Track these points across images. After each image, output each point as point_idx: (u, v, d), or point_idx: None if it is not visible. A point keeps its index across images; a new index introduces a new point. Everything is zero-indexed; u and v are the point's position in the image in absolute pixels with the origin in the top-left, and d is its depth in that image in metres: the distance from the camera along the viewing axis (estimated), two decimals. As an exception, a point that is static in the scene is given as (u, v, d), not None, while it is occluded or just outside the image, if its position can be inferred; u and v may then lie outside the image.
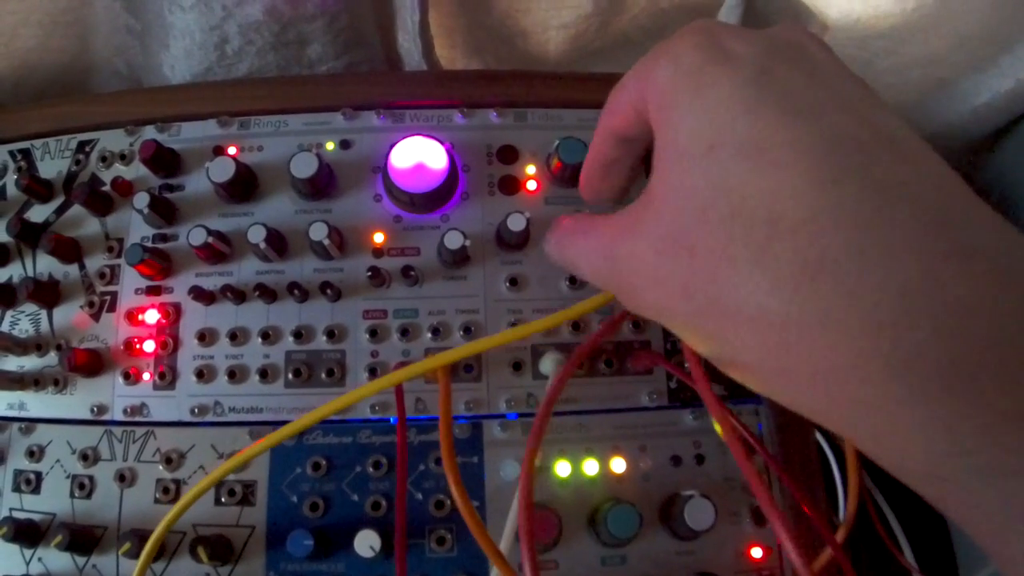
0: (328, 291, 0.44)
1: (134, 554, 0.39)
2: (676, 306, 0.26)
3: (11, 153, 0.50)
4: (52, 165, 0.49)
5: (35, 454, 0.44)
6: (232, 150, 0.48)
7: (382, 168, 0.45)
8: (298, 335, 0.44)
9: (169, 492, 0.43)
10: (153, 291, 0.46)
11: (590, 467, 0.43)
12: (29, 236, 0.47)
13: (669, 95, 0.26)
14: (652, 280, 0.27)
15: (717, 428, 0.32)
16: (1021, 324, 0.19)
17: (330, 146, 0.48)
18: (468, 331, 0.44)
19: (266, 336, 0.44)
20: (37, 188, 0.47)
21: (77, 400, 0.44)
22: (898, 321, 0.20)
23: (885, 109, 0.24)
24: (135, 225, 0.47)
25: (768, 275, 0.22)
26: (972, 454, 0.20)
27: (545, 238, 0.35)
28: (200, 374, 0.44)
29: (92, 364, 0.44)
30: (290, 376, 0.44)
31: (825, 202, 0.21)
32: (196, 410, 0.44)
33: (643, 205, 0.28)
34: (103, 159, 0.48)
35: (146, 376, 0.44)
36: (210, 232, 0.43)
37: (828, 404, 0.23)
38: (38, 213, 0.48)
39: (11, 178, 0.49)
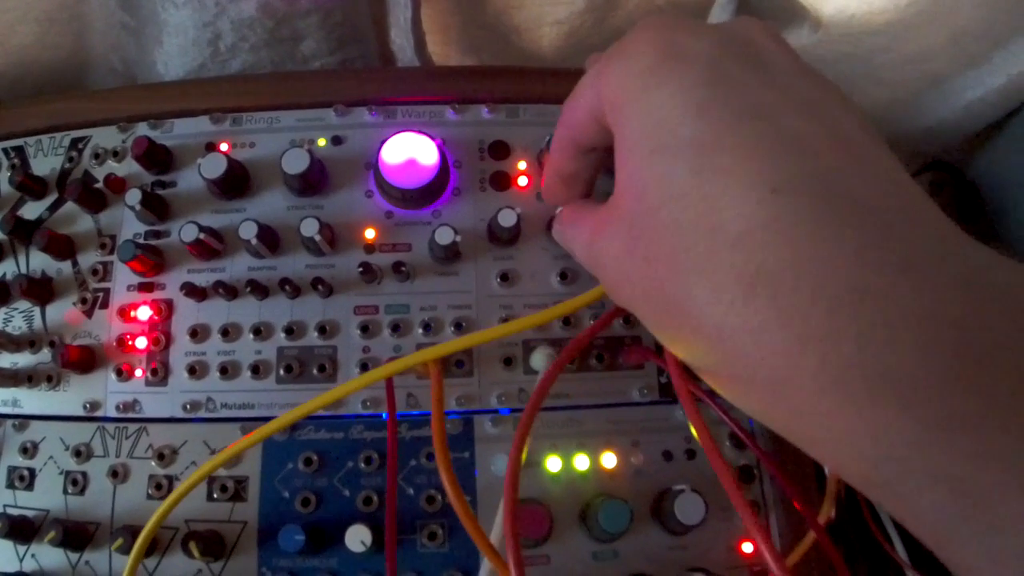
0: (320, 287, 0.44)
1: (127, 550, 0.40)
2: (641, 306, 0.27)
3: (4, 150, 0.50)
4: (45, 162, 0.49)
5: (28, 450, 0.44)
6: (224, 146, 0.48)
7: (374, 164, 0.45)
8: (290, 331, 0.44)
9: (162, 488, 0.43)
10: (145, 287, 0.46)
11: (581, 462, 0.43)
12: (22, 233, 0.47)
13: (622, 94, 0.26)
14: (621, 278, 0.28)
15: (693, 431, 0.32)
16: (950, 336, 0.19)
17: (322, 142, 0.48)
18: (459, 327, 0.44)
19: (258, 332, 0.44)
20: (30, 185, 0.48)
21: (70, 396, 0.45)
22: (826, 336, 0.20)
23: (841, 107, 0.24)
24: (128, 222, 0.47)
25: (709, 287, 0.23)
26: (902, 463, 0.20)
27: (553, 226, 0.37)
28: (192, 370, 0.44)
29: (85, 360, 0.44)
30: (282, 372, 0.44)
31: (764, 215, 0.21)
32: (188, 406, 0.44)
33: (612, 203, 0.28)
34: (96, 156, 0.49)
35: (139, 372, 0.44)
36: (202, 228, 0.43)
37: (769, 411, 0.23)
38: (31, 210, 0.48)
39: (4, 175, 0.49)
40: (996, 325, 0.19)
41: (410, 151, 0.44)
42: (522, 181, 0.47)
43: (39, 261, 0.47)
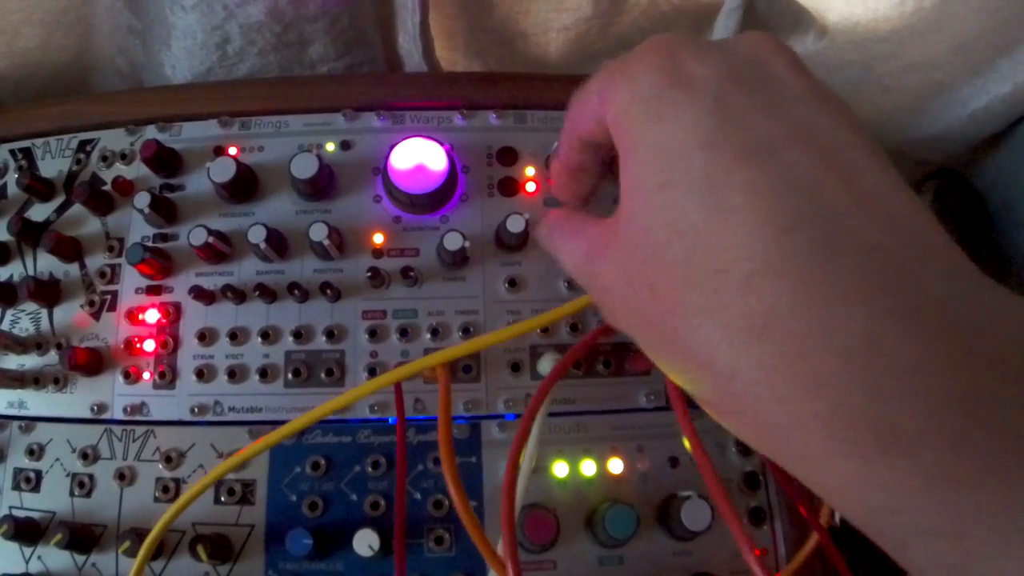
0: (328, 291, 0.44)
1: (133, 553, 0.40)
2: (640, 333, 0.27)
3: (12, 152, 0.50)
4: (53, 164, 0.49)
5: (35, 452, 0.44)
6: (233, 150, 0.48)
7: (382, 169, 0.45)
8: (298, 335, 0.44)
9: (169, 491, 0.43)
10: (153, 290, 0.46)
11: (588, 468, 0.43)
12: (30, 235, 0.47)
13: (627, 120, 0.26)
14: (620, 303, 0.27)
15: (686, 443, 0.32)
16: (960, 386, 0.19)
17: (330, 147, 0.48)
18: (467, 332, 0.45)
19: (266, 336, 0.44)
20: (38, 187, 0.48)
21: (77, 399, 0.45)
22: (837, 383, 0.20)
23: (850, 134, 0.24)
24: (136, 224, 0.47)
25: (718, 326, 0.22)
26: (903, 514, 0.20)
27: (539, 225, 0.35)
28: (200, 373, 0.44)
29: (92, 363, 0.44)
30: (290, 376, 0.44)
31: (773, 255, 0.21)
32: (196, 409, 0.44)
33: (614, 226, 0.27)
34: (104, 158, 0.49)
35: (146, 375, 0.45)
36: (211, 232, 0.43)
37: (772, 449, 0.23)
38: (39, 212, 0.48)
39: (12, 177, 0.49)
40: (1001, 379, 0.19)
41: (419, 156, 0.44)
42: (530, 187, 0.47)
43: (46, 263, 0.47)
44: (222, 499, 0.43)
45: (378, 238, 0.46)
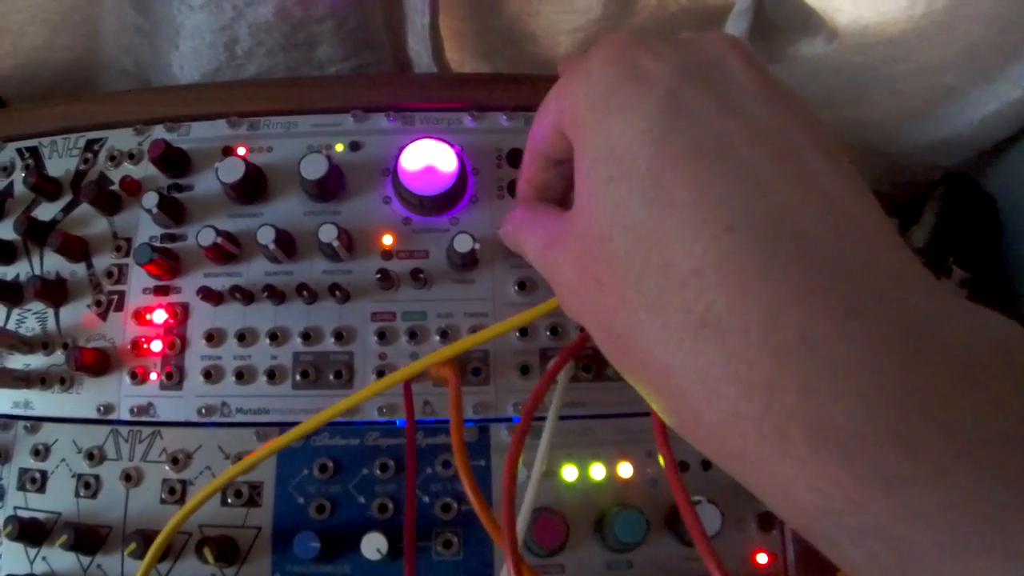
0: (337, 293, 0.44)
1: (140, 554, 0.39)
2: (591, 327, 0.27)
3: (19, 151, 0.50)
4: (60, 163, 0.49)
5: (41, 453, 0.44)
6: (241, 151, 0.48)
7: (392, 170, 0.45)
8: (306, 336, 0.44)
9: (175, 492, 0.43)
10: (161, 291, 0.45)
11: (597, 472, 0.43)
12: (37, 234, 0.46)
13: (581, 115, 0.26)
14: (573, 296, 0.28)
15: (660, 460, 0.32)
16: (890, 390, 0.19)
17: (340, 148, 0.48)
18: (476, 334, 0.44)
19: (274, 337, 0.44)
20: (45, 186, 0.47)
21: (83, 399, 0.44)
22: (770, 383, 0.20)
23: (805, 135, 0.24)
24: (143, 225, 0.47)
25: (657, 324, 0.22)
26: (839, 515, 0.20)
27: (501, 225, 0.36)
28: (208, 374, 0.44)
29: (99, 363, 0.44)
30: (298, 377, 0.44)
31: (715, 253, 0.21)
32: (203, 410, 0.44)
33: (569, 219, 0.28)
34: (112, 158, 0.48)
35: (153, 376, 0.44)
36: (219, 232, 0.43)
37: (713, 451, 0.23)
38: (46, 211, 0.48)
39: (19, 176, 0.49)
40: (944, 381, 0.19)
41: (429, 158, 0.44)
42: (540, 189, 0.47)
43: (53, 263, 0.47)
44: (229, 501, 0.42)
45: (387, 239, 0.46)
